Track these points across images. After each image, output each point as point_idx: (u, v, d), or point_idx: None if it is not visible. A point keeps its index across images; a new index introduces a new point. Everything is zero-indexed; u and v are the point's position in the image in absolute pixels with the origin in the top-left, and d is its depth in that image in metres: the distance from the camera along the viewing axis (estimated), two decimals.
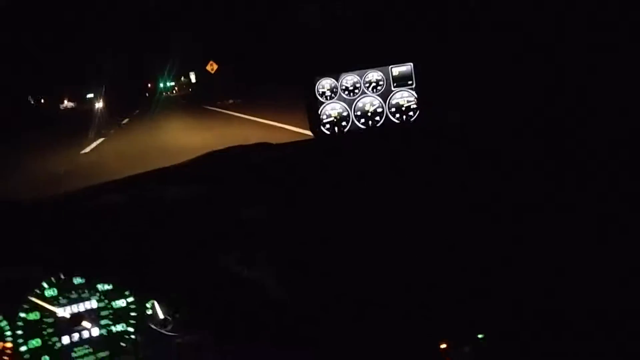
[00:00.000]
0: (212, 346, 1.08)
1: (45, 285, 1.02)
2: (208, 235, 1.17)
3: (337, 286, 1.12)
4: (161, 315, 1.09)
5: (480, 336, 1.08)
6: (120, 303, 1.08)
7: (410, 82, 1.33)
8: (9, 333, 0.98)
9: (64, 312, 1.02)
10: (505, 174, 1.20)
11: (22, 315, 0.99)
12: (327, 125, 1.35)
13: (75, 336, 1.02)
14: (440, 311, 1.12)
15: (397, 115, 1.35)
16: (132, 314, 1.08)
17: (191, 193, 1.26)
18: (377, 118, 1.35)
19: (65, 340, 1.02)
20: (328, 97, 1.34)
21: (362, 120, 1.35)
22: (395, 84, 1.34)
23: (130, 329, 1.07)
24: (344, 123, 1.35)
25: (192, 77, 34.21)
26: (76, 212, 1.18)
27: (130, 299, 1.09)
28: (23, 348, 0.98)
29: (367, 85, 1.34)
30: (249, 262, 1.15)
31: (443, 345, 1.10)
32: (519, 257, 1.13)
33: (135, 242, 1.12)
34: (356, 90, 1.34)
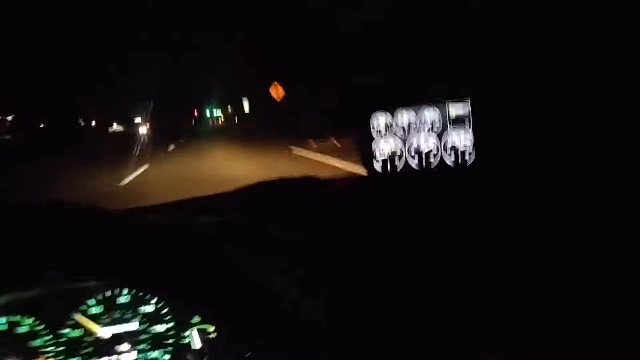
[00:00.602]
0: None
1: (90, 302, 1.02)
2: (250, 262, 1.16)
3: (379, 316, 1.07)
4: (198, 345, 1.06)
5: None
6: (160, 328, 1.06)
7: (467, 122, 1.30)
8: (51, 349, 0.97)
9: (105, 332, 1.01)
10: (567, 218, 1.13)
11: (66, 331, 0.98)
12: (380, 162, 1.32)
13: (113, 358, 1.00)
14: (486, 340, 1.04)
15: (453, 157, 1.31)
16: (170, 340, 1.06)
17: (234, 221, 1.26)
18: (432, 158, 1.31)
19: None
20: (382, 134, 1.32)
21: (416, 159, 1.32)
22: (451, 123, 1.31)
23: (166, 357, 1.04)
24: (396, 160, 1.32)
25: (246, 105, 29.92)
26: (124, 231, 1.19)
27: (170, 325, 1.06)
28: None
29: (423, 123, 1.31)
30: (289, 291, 1.12)
31: None
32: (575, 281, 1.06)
33: (178, 265, 1.12)
34: (411, 128, 1.31)
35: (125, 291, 1.06)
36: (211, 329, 1.07)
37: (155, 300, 1.07)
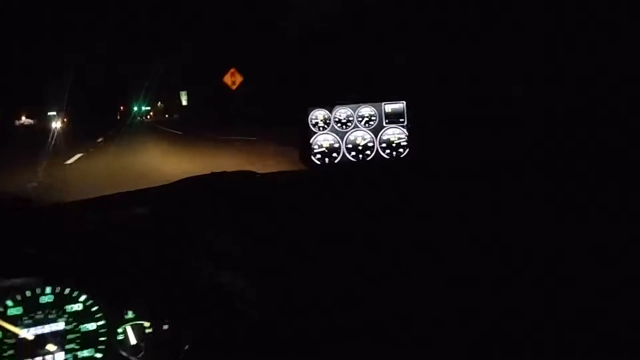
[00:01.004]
0: None
1: (9, 303, 0.94)
2: (181, 258, 1.13)
3: (324, 318, 1.09)
4: (133, 342, 1.02)
5: None
6: (90, 326, 1.00)
7: (401, 120, 1.38)
8: None
9: (27, 333, 0.93)
10: (496, 205, 1.23)
11: None
12: (318, 156, 1.35)
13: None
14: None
15: (387, 151, 1.38)
16: (102, 338, 1.00)
17: (165, 215, 1.22)
18: (368, 152, 1.37)
19: None
20: (320, 128, 1.35)
21: (353, 153, 1.37)
22: (387, 120, 1.37)
23: (99, 355, 0.99)
24: (334, 154, 1.36)
25: (183, 98, 28.53)
26: (47, 227, 1.11)
27: (101, 322, 1.01)
28: None
29: (360, 119, 1.36)
30: (226, 288, 1.11)
31: None
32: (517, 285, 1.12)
33: (108, 261, 1.06)
34: (349, 124, 1.36)
35: (48, 290, 0.98)
36: (147, 324, 1.03)
37: (83, 298, 1.01)
